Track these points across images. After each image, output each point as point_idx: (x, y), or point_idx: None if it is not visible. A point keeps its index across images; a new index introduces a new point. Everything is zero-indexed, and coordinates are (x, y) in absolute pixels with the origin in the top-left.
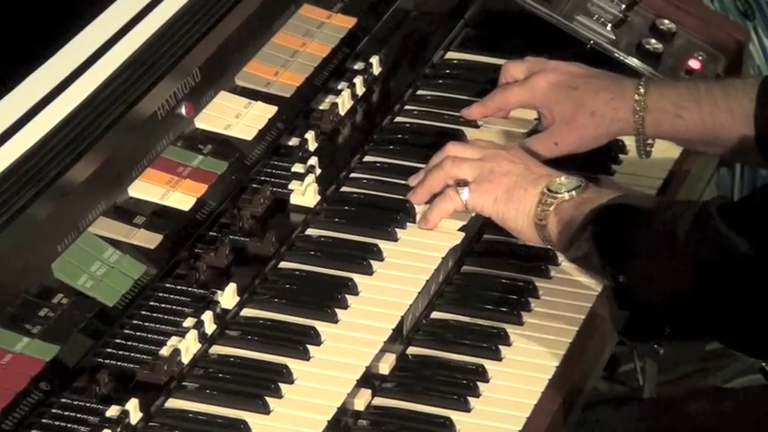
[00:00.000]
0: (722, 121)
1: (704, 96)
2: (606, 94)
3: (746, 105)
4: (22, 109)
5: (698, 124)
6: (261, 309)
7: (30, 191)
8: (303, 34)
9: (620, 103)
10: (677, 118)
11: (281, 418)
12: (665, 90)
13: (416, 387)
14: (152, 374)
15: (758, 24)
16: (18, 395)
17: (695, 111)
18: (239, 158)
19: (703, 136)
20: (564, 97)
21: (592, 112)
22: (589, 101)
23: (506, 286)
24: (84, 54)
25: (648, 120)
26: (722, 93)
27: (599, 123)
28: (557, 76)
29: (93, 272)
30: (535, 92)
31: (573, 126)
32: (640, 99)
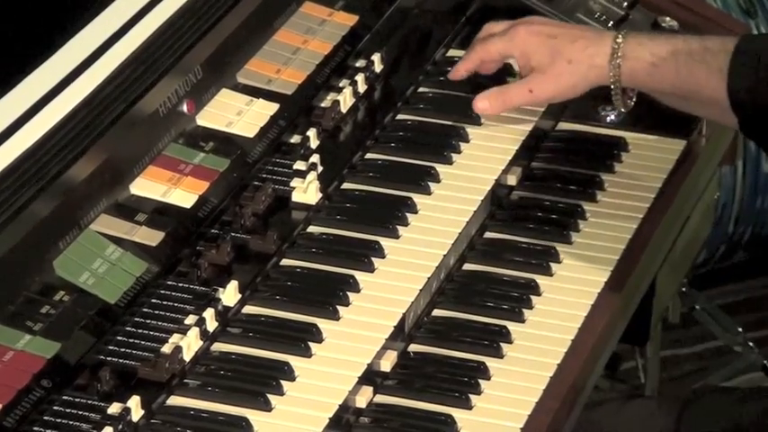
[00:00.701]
0: (697, 73)
1: (681, 47)
2: (583, 41)
3: (722, 59)
4: (24, 106)
5: (672, 75)
6: (262, 306)
7: (31, 188)
8: (305, 32)
9: (597, 50)
10: (653, 66)
11: (282, 415)
12: (642, 39)
13: (418, 384)
14: (154, 372)
15: (760, 23)
16: (20, 392)
17: (671, 61)
18: (241, 156)
19: (677, 88)
20: (542, 45)
21: (569, 59)
22: (566, 49)
23: (508, 284)
24: (85, 52)
25: (624, 68)
26: (700, 46)
27: (574, 71)
28: (536, 27)
29: (95, 269)
30: (514, 41)
31: (549, 74)
32: (617, 47)
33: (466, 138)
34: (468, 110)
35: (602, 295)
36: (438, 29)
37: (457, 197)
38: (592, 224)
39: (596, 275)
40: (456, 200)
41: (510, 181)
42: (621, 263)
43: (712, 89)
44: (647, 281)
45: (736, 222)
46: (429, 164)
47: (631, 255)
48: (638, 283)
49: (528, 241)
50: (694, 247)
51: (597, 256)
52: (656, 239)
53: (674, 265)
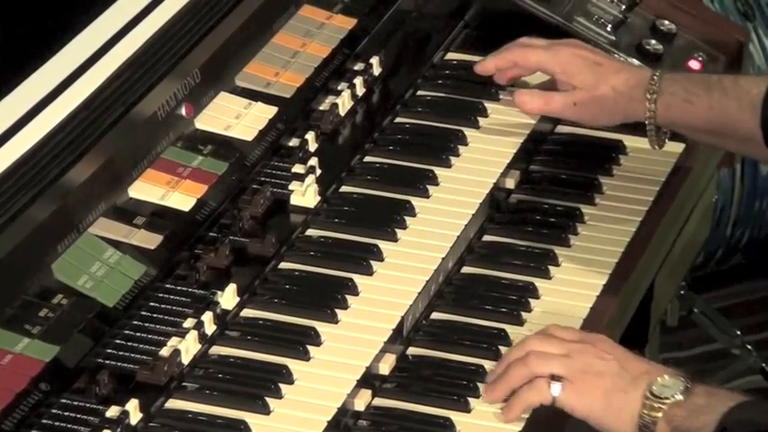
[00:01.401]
0: (729, 109)
1: (715, 85)
2: (625, 73)
3: (754, 95)
4: (23, 110)
5: (706, 111)
6: (261, 309)
7: (30, 191)
8: (303, 35)
9: (637, 83)
10: (687, 103)
11: (281, 418)
12: (678, 77)
13: (417, 387)
14: (152, 375)
15: (758, 25)
16: (18, 395)
17: (704, 97)
18: (239, 159)
19: (710, 123)
20: (587, 68)
21: (613, 86)
22: (611, 77)
23: (506, 287)
24: (84, 55)
25: (660, 103)
26: (732, 83)
27: (618, 99)
28: (581, 51)
29: (94, 272)
30: (558, 58)
31: (595, 94)
32: (654, 83)
33: (464, 141)
34: (467, 113)
35: (600, 298)
36: (436, 32)
37: (455, 200)
38: (590, 227)
39: (595, 278)
40: (454, 203)
41: (508, 184)
42: (620, 266)
43: (745, 124)
44: (646, 283)
45: (735, 225)
46: (428, 167)
47: (630, 257)
48: (637, 286)
49: (526, 244)
50: (692, 249)
51: (596, 259)
52: (655, 242)
53: (672, 267)
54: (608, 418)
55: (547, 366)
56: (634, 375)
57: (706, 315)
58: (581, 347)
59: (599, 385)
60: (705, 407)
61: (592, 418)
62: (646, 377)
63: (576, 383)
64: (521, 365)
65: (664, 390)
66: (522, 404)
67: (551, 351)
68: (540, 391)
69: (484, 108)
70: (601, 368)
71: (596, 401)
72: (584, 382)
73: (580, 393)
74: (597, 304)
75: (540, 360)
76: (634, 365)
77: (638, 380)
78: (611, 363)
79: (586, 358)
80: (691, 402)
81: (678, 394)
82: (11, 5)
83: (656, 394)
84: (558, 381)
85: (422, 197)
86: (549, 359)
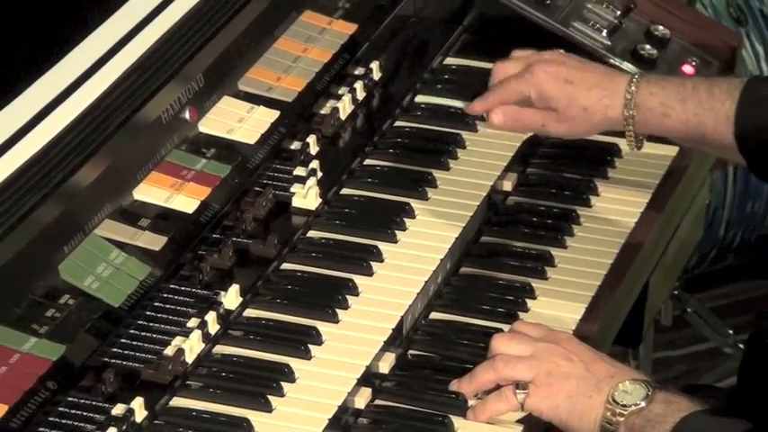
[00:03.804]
0: (705, 120)
1: (690, 95)
2: (599, 91)
3: (729, 106)
4: (29, 114)
5: (683, 123)
6: (263, 309)
7: (37, 194)
8: (305, 40)
9: (612, 101)
10: (664, 116)
11: (283, 416)
12: (654, 89)
13: (416, 386)
14: (157, 374)
15: (751, 31)
16: (26, 394)
17: (680, 110)
18: (242, 162)
19: (688, 134)
20: (558, 89)
21: (584, 107)
22: (583, 96)
23: (504, 287)
24: (89, 60)
25: (638, 118)
26: (707, 92)
27: (589, 118)
28: (553, 68)
29: (99, 273)
30: (531, 81)
31: (564, 117)
32: (631, 98)
33: (462, 144)
34: (465, 117)
35: (595, 298)
36: (435, 37)
37: (454, 202)
38: (586, 229)
39: (590, 279)
40: (453, 205)
41: (506, 186)
42: (615, 266)
43: (721, 135)
44: (640, 284)
45: (727, 227)
46: (426, 170)
47: (624, 258)
48: (631, 287)
49: (523, 245)
50: (686, 251)
51: (591, 260)
52: (649, 244)
53: (666, 268)
54: (573, 420)
55: (513, 371)
56: (599, 378)
57: (699, 315)
58: (547, 348)
59: (564, 388)
60: (661, 416)
61: (557, 420)
62: (610, 381)
63: (541, 388)
64: (488, 369)
65: (625, 397)
66: (492, 411)
67: (518, 352)
68: (507, 400)
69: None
70: (567, 370)
71: (561, 405)
72: (549, 385)
73: (546, 397)
74: (592, 304)
75: (507, 364)
76: (599, 368)
77: (601, 384)
78: (577, 364)
79: (553, 359)
80: (649, 411)
81: (639, 401)
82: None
83: (617, 401)
84: (524, 387)
85: (421, 199)
86: (515, 363)
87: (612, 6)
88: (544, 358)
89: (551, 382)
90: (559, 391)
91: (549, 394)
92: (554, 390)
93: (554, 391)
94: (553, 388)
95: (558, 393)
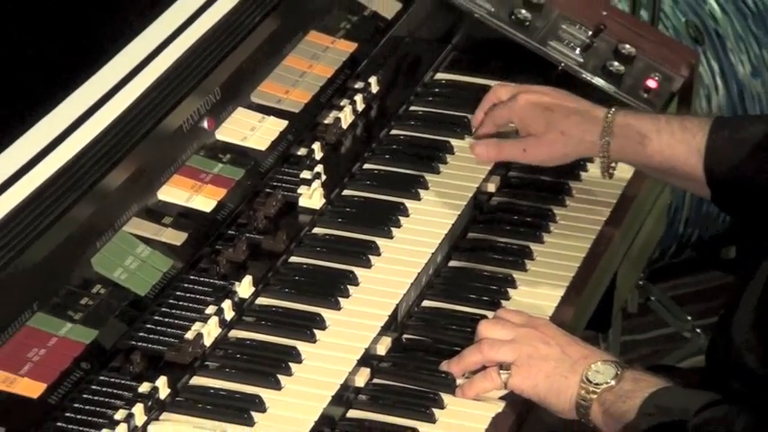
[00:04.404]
0: (678, 151)
1: (664, 128)
2: (577, 117)
3: (699, 140)
4: (65, 123)
5: (657, 152)
6: (273, 298)
7: (72, 195)
8: (310, 57)
9: (590, 126)
10: (639, 145)
11: (291, 393)
12: (630, 119)
13: (410, 367)
14: (178, 355)
15: (707, 49)
16: (62, 373)
17: (656, 140)
18: (254, 166)
19: (661, 164)
20: (539, 116)
21: (562, 131)
22: (561, 122)
23: (488, 278)
24: (118, 75)
25: (614, 144)
26: (680, 126)
27: (567, 143)
28: (536, 97)
29: (128, 265)
30: (515, 109)
31: (543, 141)
32: (608, 126)
33: (451, 150)
34: (454, 126)
35: (569, 288)
36: (427, 55)
37: (443, 202)
38: (561, 226)
39: (565, 271)
40: (443, 205)
41: (490, 188)
42: (587, 260)
43: (691, 167)
44: (609, 275)
45: (686, 224)
46: (419, 173)
47: (595, 252)
48: (601, 278)
49: (505, 241)
50: (650, 245)
51: (566, 254)
52: (617, 239)
53: (632, 261)
54: (550, 398)
55: (497, 353)
56: (574, 360)
57: (661, 303)
58: (527, 332)
59: (542, 369)
60: (631, 392)
61: (537, 398)
62: (583, 362)
63: (522, 368)
64: (475, 351)
65: (597, 376)
66: (478, 389)
67: (501, 337)
68: (492, 379)
69: (469, 122)
70: (545, 352)
71: (540, 384)
72: (529, 366)
73: (526, 377)
74: (567, 293)
75: (492, 348)
76: (574, 350)
77: (576, 365)
78: (553, 348)
79: (532, 343)
80: (620, 388)
81: (610, 380)
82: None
83: (590, 380)
84: (507, 368)
85: (414, 199)
86: (499, 346)
87: (585, 27)
88: (525, 342)
89: (531, 363)
90: (539, 372)
91: (530, 374)
92: (534, 370)
93: (534, 372)
94: (533, 369)
95: (537, 374)
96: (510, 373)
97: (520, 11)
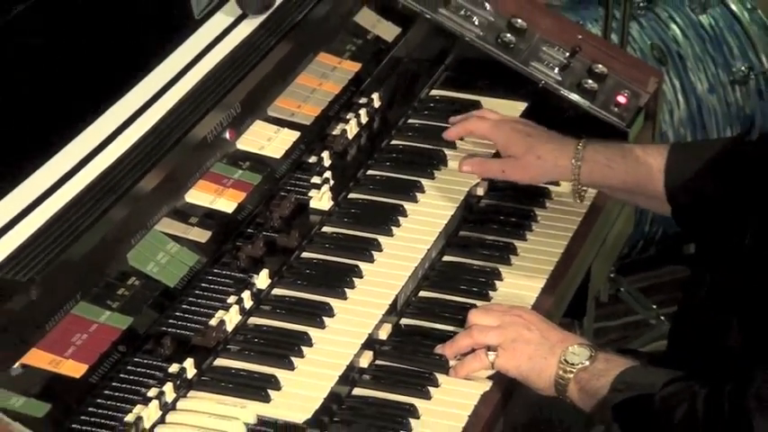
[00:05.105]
0: (641, 173)
1: (628, 153)
2: (552, 144)
3: (659, 162)
4: (104, 134)
5: (622, 174)
6: (287, 288)
7: (110, 197)
8: (320, 76)
9: (563, 153)
10: (607, 168)
11: (302, 373)
12: (598, 147)
13: (408, 349)
14: (203, 339)
15: (670, 69)
16: (101, 356)
17: (621, 163)
18: (270, 172)
19: (626, 184)
20: (520, 140)
21: (538, 155)
22: (539, 147)
23: (477, 271)
24: (151, 92)
25: (584, 168)
26: (642, 151)
27: (542, 165)
28: (519, 125)
29: (159, 260)
30: (499, 131)
31: (521, 163)
32: (579, 153)
33: (445, 158)
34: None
35: (549, 280)
36: (423, 73)
37: (438, 204)
38: (542, 225)
39: (545, 265)
40: (437, 206)
41: (479, 192)
42: (564, 255)
43: (653, 186)
44: (584, 269)
45: (651, 224)
46: (416, 178)
47: (572, 249)
48: (577, 271)
49: (492, 238)
50: (620, 242)
51: (546, 249)
52: (591, 237)
53: (604, 256)
54: (532, 377)
55: (485, 338)
56: (553, 343)
57: (630, 293)
58: (512, 319)
59: (525, 351)
60: (604, 371)
61: (520, 377)
62: (561, 345)
63: (507, 351)
64: (466, 336)
65: (573, 357)
66: (468, 369)
67: (489, 323)
68: (481, 360)
69: None
70: (528, 337)
71: (523, 364)
72: (513, 349)
73: (510, 358)
74: (547, 285)
75: (481, 333)
76: (553, 335)
77: (555, 348)
78: (535, 333)
79: (517, 329)
80: (593, 367)
81: (585, 361)
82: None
83: (567, 361)
84: (494, 350)
85: (412, 202)
86: (487, 332)
87: (562, 49)
88: (509, 328)
89: (515, 346)
90: (522, 354)
91: (514, 356)
92: (517, 353)
93: (517, 354)
94: (517, 351)
95: (520, 355)
96: (497, 355)
97: (505, 35)
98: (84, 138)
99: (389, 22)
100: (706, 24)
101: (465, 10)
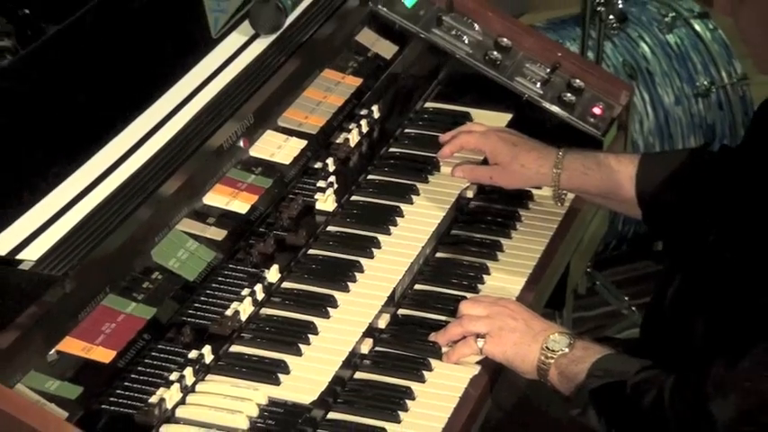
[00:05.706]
0: (614, 179)
1: (603, 162)
2: (536, 153)
3: (631, 170)
4: (131, 142)
5: (598, 180)
6: (295, 282)
7: (136, 199)
8: (325, 90)
9: (545, 161)
10: (584, 175)
11: (309, 359)
12: (576, 156)
13: (405, 337)
14: (220, 328)
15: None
16: (128, 343)
17: (597, 171)
18: (280, 177)
19: (601, 190)
20: (506, 149)
21: (522, 164)
22: (523, 156)
23: (467, 266)
24: (172, 105)
25: (563, 175)
26: (615, 160)
27: (525, 173)
28: (505, 135)
29: (180, 256)
30: (487, 141)
31: (507, 170)
32: (559, 161)
33: (438, 165)
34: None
35: (532, 274)
36: (418, 87)
37: (431, 205)
38: (526, 225)
39: (528, 261)
40: (431, 207)
41: (469, 194)
42: (546, 252)
43: (626, 191)
44: (564, 264)
45: (624, 223)
46: (412, 182)
47: (553, 246)
48: (557, 266)
49: (481, 236)
50: (595, 240)
51: (529, 247)
52: (570, 236)
53: (581, 253)
54: (517, 362)
55: (475, 326)
56: (536, 332)
57: (605, 286)
58: (498, 310)
59: (510, 339)
60: (581, 358)
61: (506, 362)
62: (543, 333)
63: (494, 338)
64: (457, 325)
65: (554, 344)
66: (459, 354)
67: (478, 313)
68: (470, 346)
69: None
70: (513, 326)
71: (509, 350)
72: (500, 337)
73: (497, 345)
74: (530, 278)
75: (471, 322)
76: (536, 324)
77: (538, 336)
78: (519, 322)
79: (503, 318)
80: (572, 354)
81: (565, 348)
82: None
83: (549, 348)
84: (482, 338)
85: (408, 204)
86: (476, 321)
87: (544, 65)
88: (497, 317)
89: (502, 334)
90: (507, 341)
91: (500, 343)
92: (503, 340)
93: (503, 341)
94: (503, 339)
95: (506, 342)
96: (485, 342)
97: (492, 52)
98: (113, 146)
99: (388, 41)
100: (672, 43)
101: (456, 30)
